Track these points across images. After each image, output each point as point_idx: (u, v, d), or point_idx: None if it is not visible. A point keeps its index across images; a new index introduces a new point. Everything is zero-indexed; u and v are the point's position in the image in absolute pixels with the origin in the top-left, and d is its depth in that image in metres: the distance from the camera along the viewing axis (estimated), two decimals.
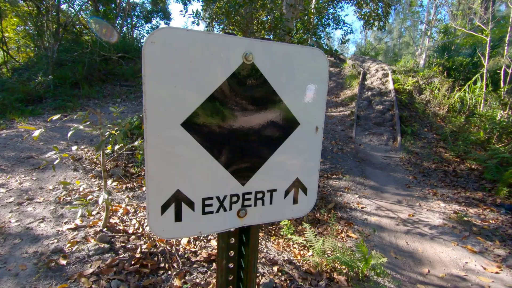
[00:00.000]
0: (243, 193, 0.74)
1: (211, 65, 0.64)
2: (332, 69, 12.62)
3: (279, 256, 3.09)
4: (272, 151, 0.75)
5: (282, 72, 0.72)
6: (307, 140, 0.79)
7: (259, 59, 0.68)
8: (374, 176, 5.71)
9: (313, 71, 0.75)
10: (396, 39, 22.98)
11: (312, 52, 0.74)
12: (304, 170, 0.81)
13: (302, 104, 0.76)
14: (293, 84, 0.73)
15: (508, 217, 4.26)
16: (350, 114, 8.48)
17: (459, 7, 14.36)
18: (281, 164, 0.77)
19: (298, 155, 0.78)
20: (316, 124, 0.78)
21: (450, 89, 8.85)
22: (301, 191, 0.81)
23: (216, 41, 0.63)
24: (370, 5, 12.57)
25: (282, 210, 0.81)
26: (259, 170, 0.75)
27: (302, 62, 0.74)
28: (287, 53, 0.71)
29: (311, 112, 0.77)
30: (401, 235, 3.84)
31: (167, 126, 0.63)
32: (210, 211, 0.71)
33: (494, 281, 2.96)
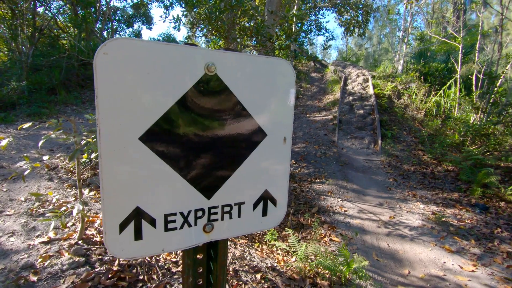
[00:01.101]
0: (209, 207, 0.72)
1: (171, 77, 0.63)
2: (315, 74, 12.83)
3: (262, 263, 3.07)
4: (239, 163, 0.73)
5: (247, 83, 0.71)
6: (275, 151, 0.78)
7: (223, 70, 0.66)
8: (356, 179, 5.81)
9: (280, 82, 0.75)
10: (376, 46, 23.75)
11: (278, 63, 0.73)
12: (273, 182, 0.80)
13: (269, 115, 0.75)
14: (259, 95, 0.72)
15: (482, 216, 4.43)
16: (332, 118, 8.63)
17: (433, 15, 15.05)
18: (248, 176, 0.76)
19: (266, 167, 0.77)
20: (284, 135, 0.77)
21: (426, 93, 9.20)
22: (271, 202, 0.80)
23: (176, 52, 0.62)
24: (350, 13, 12.96)
25: (251, 223, 0.79)
26: (225, 183, 0.73)
27: (268, 73, 0.73)
28: (253, 64, 0.71)
29: (278, 123, 0.76)
30: (382, 237, 3.90)
31: (124, 140, 0.60)
32: (174, 227, 0.68)
33: (471, 279, 3.05)
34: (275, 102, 0.74)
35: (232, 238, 3.52)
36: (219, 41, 5.01)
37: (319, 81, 12.15)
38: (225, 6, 4.19)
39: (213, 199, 0.72)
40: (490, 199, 5.07)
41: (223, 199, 0.73)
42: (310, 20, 16.73)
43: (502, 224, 4.24)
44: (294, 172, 6.07)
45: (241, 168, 0.74)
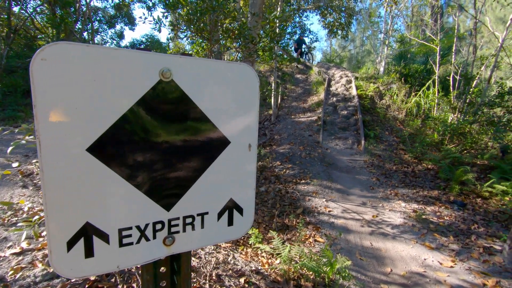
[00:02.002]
0: (169, 220, 0.69)
1: (121, 84, 0.59)
2: (300, 75, 12.95)
3: (246, 266, 3.04)
4: (200, 172, 0.71)
5: (207, 89, 0.69)
6: (240, 159, 0.76)
7: (180, 76, 0.64)
8: (340, 179, 5.88)
9: (243, 88, 0.73)
10: (359, 47, 24.27)
11: (240, 68, 0.71)
12: (238, 190, 0.77)
13: (232, 122, 0.73)
14: (220, 101, 0.70)
15: (460, 213, 4.58)
16: (317, 119, 8.72)
17: (412, 18, 15.53)
18: (211, 185, 0.73)
19: (231, 175, 0.75)
20: (249, 142, 0.75)
21: (407, 94, 9.46)
22: (236, 211, 0.78)
23: (126, 57, 0.59)
24: (334, 15, 13.17)
25: (216, 234, 0.76)
26: (186, 193, 0.70)
27: (230, 78, 0.71)
28: (213, 69, 0.68)
29: (242, 130, 0.74)
30: (366, 236, 3.96)
31: (69, 152, 0.56)
32: (129, 242, 0.65)
33: (450, 275, 3.14)
34: (239, 108, 0.72)
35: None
36: (203, 42, 4.95)
37: (303, 82, 12.26)
38: (207, 8, 4.15)
39: (173, 211, 0.69)
40: (467, 196, 5.25)
41: (184, 210, 0.70)
42: (294, 22, 16.90)
43: (479, 220, 4.39)
44: (279, 173, 6.08)
45: (203, 177, 0.72)
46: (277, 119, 9.29)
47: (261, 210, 4.75)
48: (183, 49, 17.37)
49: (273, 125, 8.98)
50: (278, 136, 8.21)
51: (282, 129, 8.59)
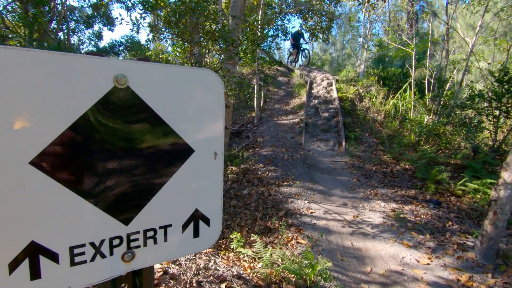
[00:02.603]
0: (128, 234, 0.65)
1: (69, 91, 0.55)
2: (282, 78, 13.06)
3: (228, 271, 3.00)
4: (162, 183, 0.67)
5: (168, 96, 0.66)
6: (205, 168, 0.73)
7: (136, 82, 0.61)
8: (322, 180, 5.96)
9: (207, 94, 0.71)
10: (340, 51, 24.83)
11: (204, 74, 0.69)
12: (204, 200, 0.75)
13: (196, 130, 0.70)
14: (183, 108, 0.68)
15: (435, 211, 4.75)
16: (299, 121, 8.81)
17: (390, 23, 16.09)
18: (175, 196, 0.70)
19: (196, 185, 0.72)
20: (215, 150, 0.73)
21: (385, 96, 9.76)
22: (203, 222, 0.75)
23: (75, 63, 0.55)
24: (315, 19, 13.40)
25: (180, 247, 0.73)
26: (147, 205, 0.66)
27: (193, 84, 0.69)
28: (174, 75, 0.66)
29: (207, 138, 0.72)
30: (347, 237, 4.02)
31: (9, 166, 0.51)
32: (82, 260, 0.60)
33: (426, 272, 3.23)
34: (203, 116, 0.70)
35: None
36: (183, 45, 4.87)
37: (286, 85, 12.37)
38: (186, 9, 4.09)
39: (132, 225, 0.65)
40: (442, 194, 5.45)
41: (145, 224, 0.66)
42: (276, 25, 17.05)
43: (453, 217, 4.57)
44: (262, 175, 6.08)
45: (166, 188, 0.68)
46: (260, 122, 9.31)
47: (244, 213, 4.72)
48: (165, 51, 17.09)
49: (256, 127, 8.98)
50: (261, 138, 8.22)
51: (265, 132, 8.61)
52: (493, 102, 6.75)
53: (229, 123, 6.79)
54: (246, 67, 11.62)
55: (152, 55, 5.28)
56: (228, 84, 4.85)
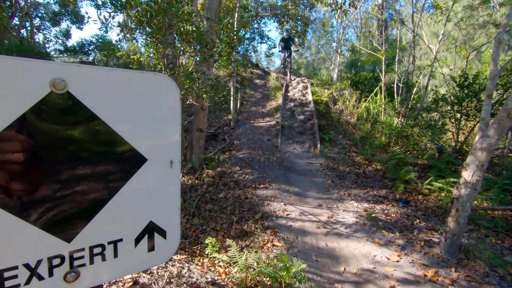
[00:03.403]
0: (71, 252, 0.60)
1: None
2: (258, 81, 13.13)
3: (202, 278, 2.93)
4: (111, 195, 0.63)
5: (116, 102, 0.61)
6: (160, 177, 0.70)
7: (78, 87, 0.56)
8: (298, 182, 6.03)
9: (161, 100, 0.67)
10: (315, 55, 25.47)
11: (157, 79, 0.66)
12: (159, 211, 0.71)
13: (149, 137, 0.66)
14: (133, 115, 0.64)
15: (404, 209, 4.96)
16: (275, 124, 8.88)
17: (361, 29, 16.74)
18: (126, 209, 0.66)
19: (150, 195, 0.68)
20: (171, 158, 0.70)
21: (358, 100, 10.11)
22: (158, 235, 0.72)
23: (4, 66, 0.50)
24: (290, 23, 13.65)
25: (133, 262, 0.69)
26: (93, 219, 0.61)
27: (145, 89, 0.65)
28: (123, 79, 0.61)
29: (162, 145, 0.68)
30: (321, 237, 4.08)
31: None
32: (15, 284, 0.54)
33: (396, 269, 3.35)
34: (156, 123, 0.66)
35: None
36: (157, 46, 4.73)
37: (262, 87, 12.45)
38: (158, 10, 3.99)
39: (76, 241, 0.60)
40: (411, 193, 5.72)
41: (91, 240, 0.61)
42: (253, 28, 17.15)
43: (420, 215, 4.80)
44: (238, 178, 6.04)
45: (115, 200, 0.64)
46: (237, 124, 9.28)
47: (220, 217, 4.66)
48: (138, 51, 16.56)
49: (232, 130, 8.94)
50: (237, 141, 8.19)
51: (241, 134, 8.59)
52: (455, 106, 7.21)
53: (205, 126, 6.69)
54: (223, 69, 11.56)
55: (123, 56, 5.08)
56: (202, 86, 4.78)
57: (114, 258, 0.64)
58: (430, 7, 10.46)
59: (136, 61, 4.80)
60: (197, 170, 6.54)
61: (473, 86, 6.85)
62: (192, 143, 6.63)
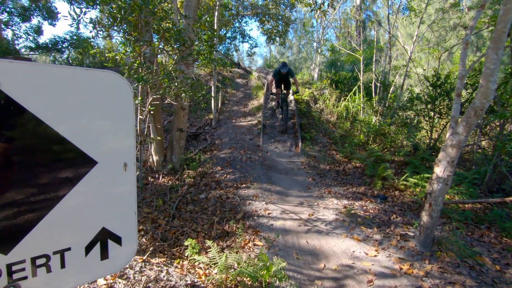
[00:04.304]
0: (8, 265, 0.55)
1: None
2: (240, 80, 13.09)
3: (181, 281, 2.88)
4: (55, 201, 0.59)
5: (58, 101, 0.56)
6: (113, 180, 0.66)
7: (11, 85, 0.51)
8: (279, 181, 6.06)
9: (111, 99, 0.63)
10: (296, 54, 25.73)
11: (106, 76, 0.62)
12: (113, 217, 0.67)
13: (98, 139, 0.62)
14: (80, 115, 0.59)
15: (382, 205, 5.10)
16: (257, 123, 8.88)
17: (341, 30, 17.09)
18: (74, 215, 0.61)
19: (101, 200, 0.65)
20: (124, 161, 0.66)
21: (338, 99, 10.31)
22: (113, 242, 0.68)
23: None
24: (271, 22, 13.70)
25: (84, 272, 0.65)
26: (35, 228, 0.56)
27: (93, 88, 0.60)
28: (66, 77, 0.56)
29: (114, 147, 0.64)
30: (302, 235, 4.12)
31: None
32: None
33: (374, 263, 3.44)
34: (107, 123, 0.62)
35: (147, 258, 3.22)
36: (134, 43, 4.58)
37: (244, 87, 12.42)
38: (133, 6, 3.87)
39: (14, 253, 0.55)
40: (388, 189, 5.90)
41: (32, 250, 0.56)
42: (234, 27, 17.07)
43: (397, 210, 4.96)
44: (220, 178, 5.99)
45: (61, 206, 0.59)
46: (218, 124, 9.20)
47: (201, 218, 4.59)
48: (117, 49, 16.03)
49: (214, 129, 8.85)
50: (219, 140, 8.12)
51: (223, 134, 8.52)
52: (429, 104, 7.51)
53: (185, 126, 6.58)
54: (204, 68, 11.43)
55: (97, 54, 4.89)
56: (181, 85, 4.70)
57: (62, 269, 0.59)
58: (405, 9, 10.85)
59: (111, 59, 4.64)
60: (177, 170, 6.42)
61: (445, 86, 7.16)
62: (173, 143, 6.50)
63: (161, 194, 5.33)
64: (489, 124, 6.67)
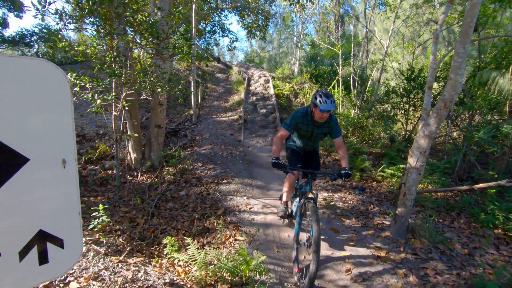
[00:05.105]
0: None
1: None
2: (220, 75, 12.93)
3: (160, 280, 2.82)
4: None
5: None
6: (50, 179, 0.61)
7: None
8: (260, 176, 6.07)
9: (44, 90, 0.57)
10: (277, 49, 25.75)
11: (36, 65, 0.56)
12: (52, 218, 0.62)
13: (29, 134, 0.56)
14: (5, 108, 0.53)
15: (360, 196, 5.24)
16: (238, 118, 8.83)
17: (320, 24, 17.23)
18: (1, 218, 0.56)
19: (36, 201, 0.59)
20: (63, 157, 0.61)
21: None
22: (53, 245, 0.63)
23: None
24: (251, 17, 13.59)
25: (19, 279, 0.60)
26: None
27: (20, 78, 0.53)
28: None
29: (49, 142, 0.59)
30: (283, 228, 4.15)
31: None
32: None
33: (352, 253, 3.52)
34: (39, 117, 0.56)
35: (124, 259, 3.13)
36: (106, 36, 4.37)
37: (224, 81, 12.29)
38: None
39: None
40: (366, 181, 6.06)
41: None
42: (213, 21, 16.79)
43: (374, 201, 5.10)
44: (200, 175, 5.91)
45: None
46: (198, 119, 9.06)
47: (181, 215, 4.52)
48: (91, 43, 15.33)
49: (194, 125, 8.71)
50: (199, 136, 8.01)
51: (203, 129, 8.41)
52: (404, 98, 7.75)
53: (164, 122, 6.43)
54: (183, 63, 11.18)
55: (66, 47, 4.64)
56: (157, 80, 4.56)
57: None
58: (381, 4, 11.08)
59: (81, 52, 4.42)
60: (157, 168, 6.28)
61: (419, 79, 7.41)
62: (151, 140, 6.34)
63: (139, 193, 5.19)
64: (459, 116, 6.98)
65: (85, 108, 8.02)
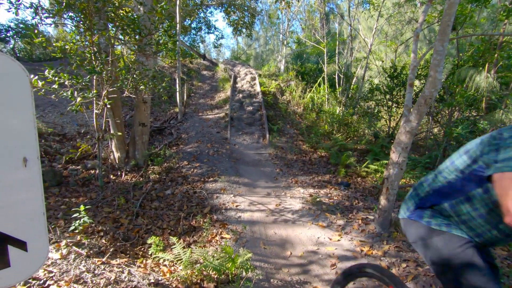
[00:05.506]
0: None
1: None
2: (206, 72, 12.80)
3: (144, 280, 2.78)
4: None
5: None
6: (8, 178, 0.58)
7: None
8: (247, 173, 6.07)
9: (2, 85, 0.55)
10: (264, 46, 25.75)
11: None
12: (14, 220, 0.59)
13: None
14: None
15: (345, 192, 5.32)
16: (224, 116, 8.78)
17: (306, 22, 17.33)
18: None
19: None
20: (24, 155, 0.59)
21: (304, 90, 10.50)
22: (15, 247, 0.60)
23: None
24: (237, 14, 13.50)
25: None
26: None
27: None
28: None
29: (7, 140, 0.56)
30: (270, 225, 4.17)
31: None
32: None
33: (337, 248, 3.58)
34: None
35: (107, 260, 3.06)
36: (85, 32, 4.22)
37: (210, 79, 12.18)
38: None
39: None
40: (351, 176, 6.16)
41: None
42: (199, 18, 16.56)
43: (359, 196, 5.20)
44: (186, 173, 5.85)
45: None
46: (184, 117, 8.94)
47: (167, 214, 4.46)
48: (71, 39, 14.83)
49: (180, 123, 8.59)
50: (185, 134, 7.91)
51: (189, 127, 8.31)
52: (387, 95, 7.92)
53: (148, 120, 6.30)
54: (167, 60, 10.98)
55: (44, 43, 4.45)
56: (140, 77, 4.46)
57: None
58: (365, 3, 11.25)
59: (59, 48, 4.26)
60: (141, 167, 6.16)
61: (401, 77, 7.59)
62: (135, 138, 6.20)
63: (123, 192, 5.08)
64: (440, 113, 7.20)
65: (65, 106, 7.75)
